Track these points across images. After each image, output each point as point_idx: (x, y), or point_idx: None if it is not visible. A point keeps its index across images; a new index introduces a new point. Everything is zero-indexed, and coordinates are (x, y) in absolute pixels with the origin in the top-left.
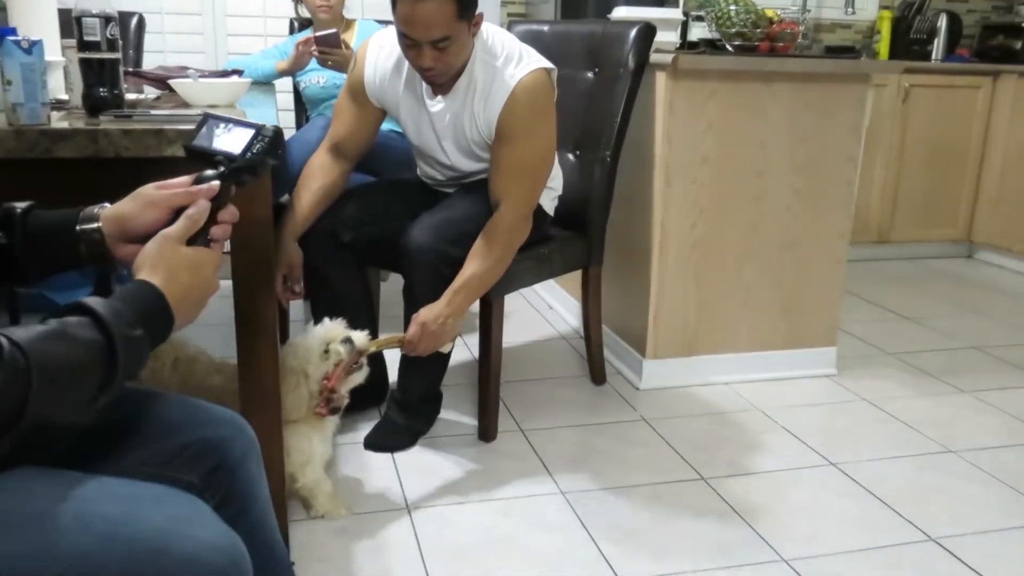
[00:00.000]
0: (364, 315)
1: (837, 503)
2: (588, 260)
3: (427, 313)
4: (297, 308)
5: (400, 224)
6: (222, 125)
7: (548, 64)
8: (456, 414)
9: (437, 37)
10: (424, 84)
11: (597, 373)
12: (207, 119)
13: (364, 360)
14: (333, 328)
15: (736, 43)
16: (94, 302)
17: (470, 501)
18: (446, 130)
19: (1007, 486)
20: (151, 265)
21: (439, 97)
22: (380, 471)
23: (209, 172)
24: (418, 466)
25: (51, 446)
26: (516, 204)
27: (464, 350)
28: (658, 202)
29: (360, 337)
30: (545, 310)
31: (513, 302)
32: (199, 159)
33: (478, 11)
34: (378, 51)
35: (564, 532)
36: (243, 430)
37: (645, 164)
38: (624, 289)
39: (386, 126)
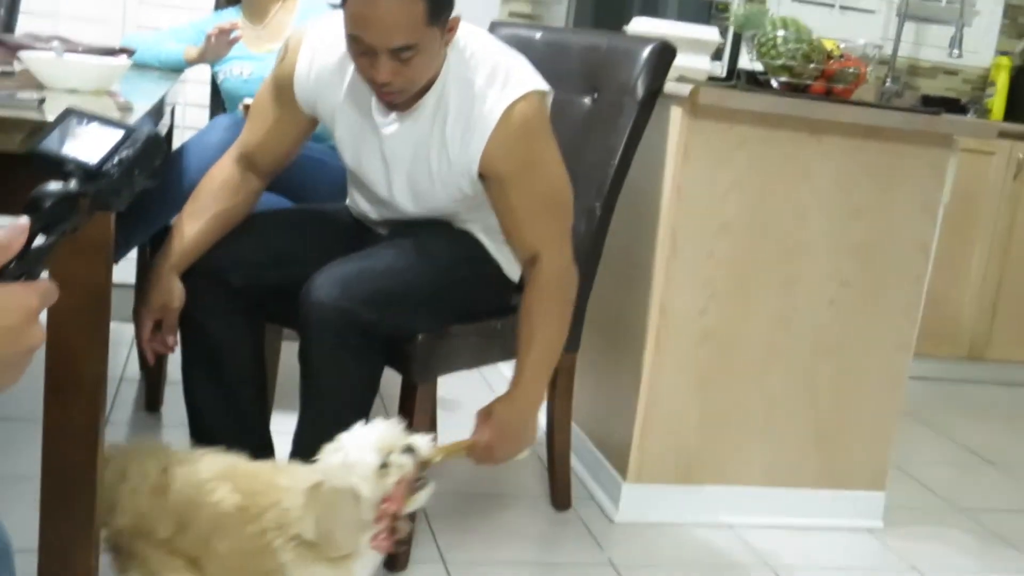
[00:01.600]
0: (249, 386)
1: None
2: None
3: (506, 410)
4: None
5: (308, 271)
6: (84, 123)
7: (541, 84)
8: None
9: (399, 44)
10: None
11: (560, 495)
12: (68, 115)
13: (426, 474)
14: (387, 432)
15: (782, 79)
16: None
17: None
18: (400, 161)
19: None
20: None
21: (394, 115)
22: None
23: (53, 186)
24: None
25: None
26: (557, 248)
27: None
28: (659, 276)
29: (424, 444)
30: None
31: (469, 389)
32: (47, 168)
33: (453, 13)
34: (318, 41)
35: None
36: None
37: (646, 225)
38: (606, 387)
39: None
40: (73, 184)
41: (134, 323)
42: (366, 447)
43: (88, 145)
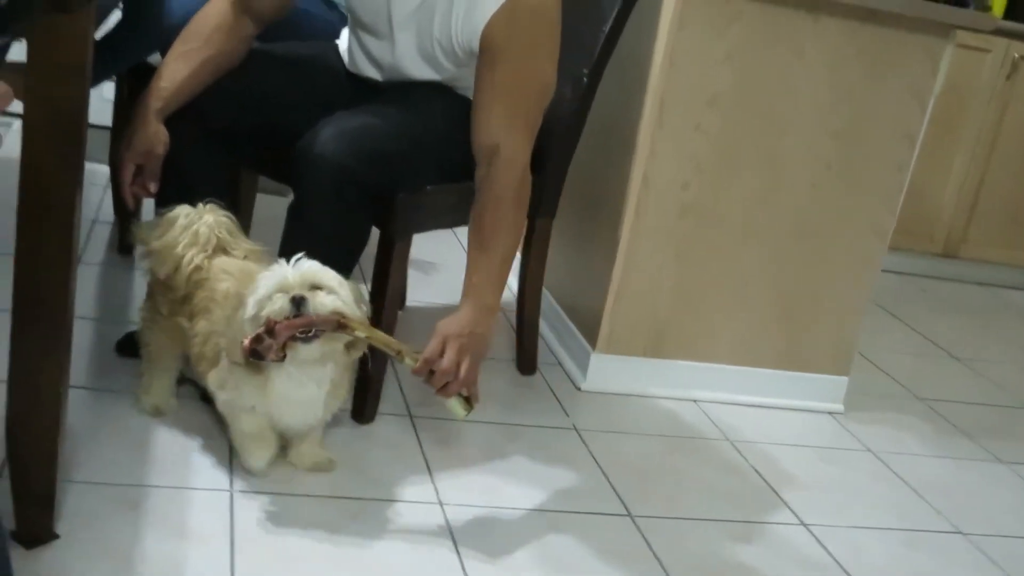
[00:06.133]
0: None
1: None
2: (537, 207)
3: (458, 322)
4: None
5: (298, 119)
6: None
7: None
8: None
9: None
10: None
11: (527, 359)
12: None
13: (321, 334)
14: (305, 273)
15: None
16: None
17: (314, 494)
18: (408, 18)
19: None
20: None
21: None
22: (218, 438)
23: None
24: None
25: None
26: (521, 144)
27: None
28: (643, 146)
29: (326, 302)
30: None
31: (443, 253)
32: None
33: None
34: None
35: (428, 547)
36: None
37: (634, 93)
38: (581, 254)
39: None
40: None
41: (114, 166)
42: (271, 275)
43: None
